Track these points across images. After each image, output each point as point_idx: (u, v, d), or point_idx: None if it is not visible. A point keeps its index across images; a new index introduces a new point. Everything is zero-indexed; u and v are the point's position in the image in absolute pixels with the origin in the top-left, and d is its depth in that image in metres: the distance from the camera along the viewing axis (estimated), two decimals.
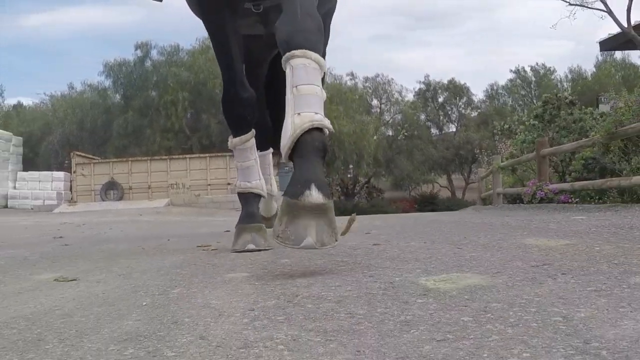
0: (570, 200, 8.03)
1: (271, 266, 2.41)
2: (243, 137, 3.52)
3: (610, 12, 13.62)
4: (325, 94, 2.37)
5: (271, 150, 4.56)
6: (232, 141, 3.58)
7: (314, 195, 2.01)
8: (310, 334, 1.22)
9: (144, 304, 1.73)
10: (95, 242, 5.33)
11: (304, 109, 2.22)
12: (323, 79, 2.56)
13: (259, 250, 3.05)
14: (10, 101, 43.91)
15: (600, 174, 8.43)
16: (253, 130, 3.59)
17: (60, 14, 70.05)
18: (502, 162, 12.32)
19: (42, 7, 78.67)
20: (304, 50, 2.31)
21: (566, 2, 15.33)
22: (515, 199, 10.76)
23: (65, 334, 1.40)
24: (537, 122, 11.57)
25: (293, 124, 2.19)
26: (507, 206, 10.02)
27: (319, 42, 2.40)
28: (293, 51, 2.31)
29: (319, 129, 2.23)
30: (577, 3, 14.87)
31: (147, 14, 68.51)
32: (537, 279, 1.69)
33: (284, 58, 2.34)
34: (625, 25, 13.04)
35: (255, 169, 3.60)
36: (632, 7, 13.02)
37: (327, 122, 2.25)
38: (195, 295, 1.82)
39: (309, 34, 2.36)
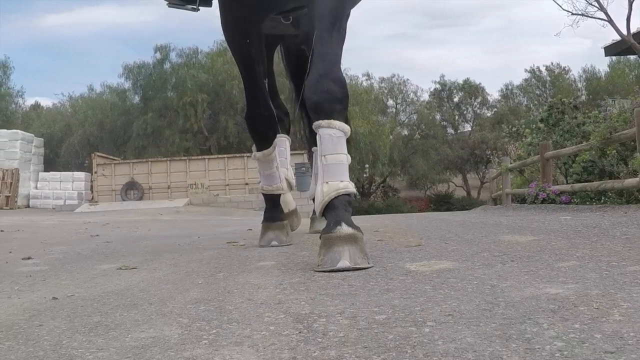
0: (571, 201, 8.52)
1: (293, 257, 3.01)
2: (265, 151, 3.89)
3: (610, 21, 14.00)
4: (350, 158, 2.83)
5: (287, 137, 4.86)
6: (255, 155, 3.96)
7: (345, 228, 2.44)
8: (322, 296, 1.82)
9: (200, 282, 2.32)
10: (132, 239, 5.88)
11: (331, 178, 2.68)
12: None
13: (281, 246, 3.64)
14: (28, 101, 44.27)
15: (599, 176, 8.89)
16: (275, 144, 3.97)
17: (76, 14, 70.74)
18: (510, 163, 12.83)
19: (59, 7, 79.60)
20: (329, 121, 2.70)
21: (568, 12, 15.73)
22: (523, 199, 11.19)
23: (151, 300, 1.99)
24: (542, 126, 12.07)
25: (322, 192, 2.65)
26: (514, 206, 10.50)
27: (343, 108, 2.78)
28: (320, 121, 2.72)
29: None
30: (580, 12, 15.25)
31: (163, 15, 69.32)
32: (492, 264, 2.27)
33: (313, 125, 2.79)
34: (625, 33, 13.47)
35: (277, 175, 4.04)
36: (631, 17, 13.51)
37: (351, 187, 2.69)
38: (236, 276, 2.41)
39: (334, 102, 2.72)
